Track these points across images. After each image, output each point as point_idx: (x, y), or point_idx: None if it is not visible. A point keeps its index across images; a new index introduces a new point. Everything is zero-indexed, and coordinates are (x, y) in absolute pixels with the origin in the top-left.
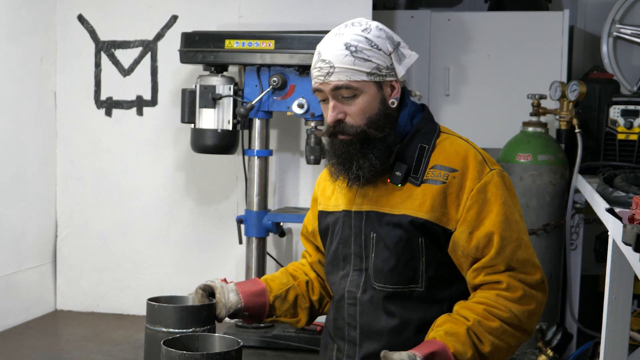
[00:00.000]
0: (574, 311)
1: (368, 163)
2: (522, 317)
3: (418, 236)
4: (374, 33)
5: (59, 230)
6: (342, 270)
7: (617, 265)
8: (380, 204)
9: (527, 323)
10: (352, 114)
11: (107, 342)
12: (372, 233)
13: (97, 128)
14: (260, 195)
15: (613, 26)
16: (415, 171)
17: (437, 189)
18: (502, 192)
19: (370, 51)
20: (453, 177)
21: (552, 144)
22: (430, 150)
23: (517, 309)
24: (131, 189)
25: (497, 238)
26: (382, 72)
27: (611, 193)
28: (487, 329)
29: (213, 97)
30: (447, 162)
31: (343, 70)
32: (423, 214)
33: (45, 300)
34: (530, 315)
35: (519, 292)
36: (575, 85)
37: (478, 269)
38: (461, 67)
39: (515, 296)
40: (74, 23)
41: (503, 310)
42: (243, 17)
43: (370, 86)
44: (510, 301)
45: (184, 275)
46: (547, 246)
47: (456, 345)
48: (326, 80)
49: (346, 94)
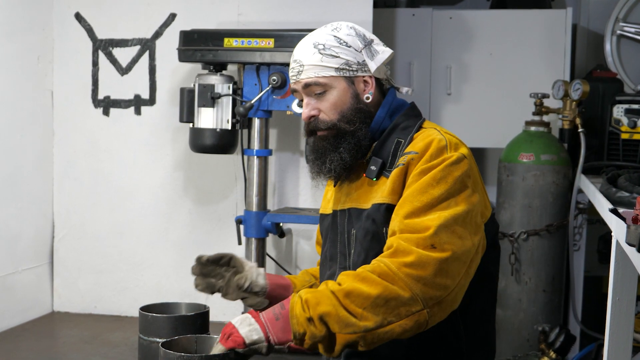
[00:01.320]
0: (577, 313)
1: (338, 156)
2: (391, 267)
3: (383, 226)
4: (344, 32)
5: (56, 231)
6: (329, 270)
7: (621, 266)
8: (359, 201)
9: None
10: (324, 110)
11: (105, 344)
12: (353, 230)
13: (94, 127)
14: (259, 196)
15: (617, 24)
16: (391, 165)
17: (396, 172)
18: (436, 170)
19: (338, 48)
20: (411, 158)
21: (555, 144)
22: (406, 144)
23: (389, 260)
24: (129, 189)
25: (399, 201)
26: (352, 68)
27: (615, 193)
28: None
29: (212, 96)
30: (412, 148)
31: (311, 67)
32: (385, 198)
33: (42, 301)
34: (403, 266)
35: (394, 247)
36: (579, 84)
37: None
38: (463, 66)
39: (389, 252)
40: (71, 21)
41: (373, 263)
42: (242, 15)
43: (340, 81)
44: (384, 256)
45: (182, 276)
46: (549, 247)
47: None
48: (297, 79)
49: (317, 90)
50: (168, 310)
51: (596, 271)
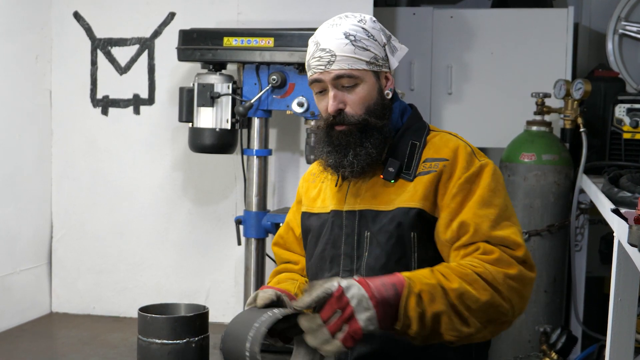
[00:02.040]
0: (578, 313)
1: (365, 151)
2: (497, 276)
3: (410, 231)
4: (369, 24)
5: (55, 231)
6: (328, 272)
7: (623, 266)
8: (374, 202)
9: (504, 285)
10: (351, 104)
11: (104, 345)
12: (366, 232)
13: (93, 127)
14: (259, 196)
15: (618, 23)
16: (407, 167)
17: (428, 178)
18: (488, 180)
19: (368, 41)
20: (444, 165)
21: (557, 144)
22: (422, 147)
23: (493, 268)
24: (128, 189)
25: (473, 218)
26: (379, 62)
27: (617, 193)
28: (456, 272)
29: (211, 95)
30: (438, 154)
31: (345, 58)
32: (416, 203)
33: (41, 302)
34: (507, 278)
35: (496, 254)
36: (580, 83)
37: (458, 247)
38: (464, 65)
39: (491, 258)
40: (69, 20)
41: (477, 265)
42: (242, 14)
43: (370, 75)
44: (485, 261)
45: (181, 277)
46: (551, 247)
47: (414, 274)
48: (327, 69)
49: (347, 83)
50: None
51: (598, 272)
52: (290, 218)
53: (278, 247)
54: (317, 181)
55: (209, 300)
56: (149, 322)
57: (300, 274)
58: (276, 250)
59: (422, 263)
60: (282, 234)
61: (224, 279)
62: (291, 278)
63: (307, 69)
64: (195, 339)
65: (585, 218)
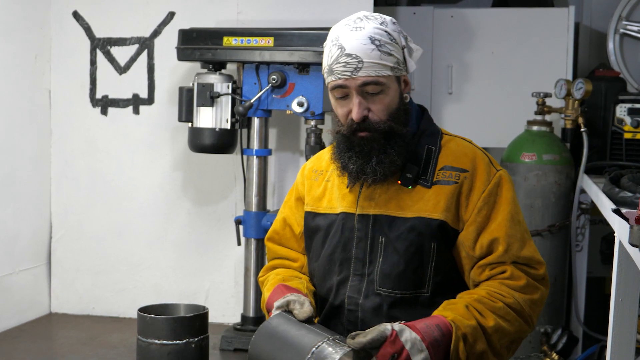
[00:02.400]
0: (579, 314)
1: (389, 159)
2: (524, 305)
3: (431, 241)
4: (391, 27)
5: (54, 232)
6: (337, 275)
7: (624, 267)
8: (390, 208)
9: (530, 312)
10: (376, 110)
11: (103, 345)
12: (381, 237)
13: (92, 127)
14: (259, 196)
15: (619, 23)
16: (424, 173)
17: (450, 189)
18: (510, 193)
19: (391, 45)
20: (464, 177)
21: (557, 143)
22: (437, 151)
23: (520, 296)
24: (127, 189)
25: (504, 237)
26: (400, 67)
27: (617, 193)
28: (489, 307)
29: (211, 95)
30: (457, 163)
31: (371, 65)
32: (439, 215)
33: (40, 302)
34: (533, 304)
35: (523, 280)
36: (581, 83)
37: (483, 265)
38: (464, 65)
39: (518, 284)
40: (69, 20)
41: (506, 295)
42: (242, 13)
43: (393, 81)
44: (513, 289)
45: (181, 277)
46: (552, 247)
47: (454, 315)
48: (353, 75)
49: (372, 90)
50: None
51: (599, 272)
52: (288, 214)
53: (272, 242)
54: (321, 179)
55: (208, 301)
56: (148, 322)
57: (299, 272)
58: (270, 245)
59: (437, 274)
60: (278, 230)
61: (223, 279)
62: (295, 276)
63: (328, 73)
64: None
65: (586, 218)
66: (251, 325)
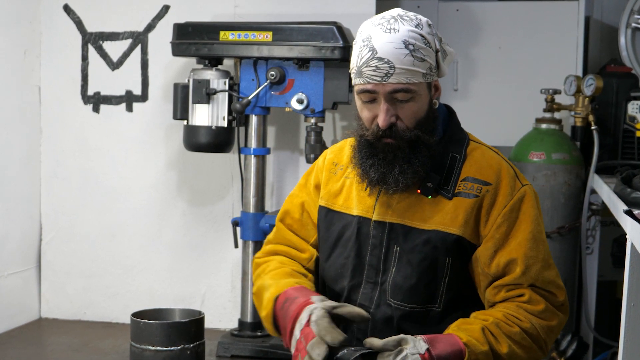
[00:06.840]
0: (589, 319)
1: (412, 169)
2: (541, 331)
3: (446, 256)
4: (426, 30)
5: (44, 234)
6: (349, 281)
7: (636, 270)
8: (407, 217)
9: (546, 339)
10: (404, 118)
11: (95, 351)
12: (396, 247)
13: (84, 125)
14: (257, 197)
15: (632, 17)
16: (446, 182)
17: (470, 203)
18: (533, 211)
19: (424, 50)
20: (486, 190)
21: (567, 142)
22: (462, 160)
23: (537, 321)
24: (120, 189)
25: (523, 258)
26: (432, 72)
27: (630, 194)
28: (505, 331)
29: (207, 92)
30: (480, 175)
31: (403, 71)
32: (456, 229)
33: (29, 307)
34: (550, 331)
35: (541, 305)
36: (592, 79)
37: (499, 286)
38: (470, 60)
39: (536, 309)
40: (59, 13)
41: (523, 320)
42: (239, 7)
43: (423, 87)
44: (531, 313)
45: (176, 281)
46: (561, 250)
47: (469, 337)
48: (384, 81)
49: (402, 97)
50: (161, 316)
51: (610, 275)
52: (307, 200)
53: (283, 224)
54: (340, 174)
55: (204, 306)
56: (142, 328)
57: (304, 264)
58: (280, 226)
59: (450, 290)
60: (292, 214)
61: (220, 283)
62: (301, 272)
63: (357, 75)
64: (190, 346)
65: (596, 219)
66: (249, 330)
